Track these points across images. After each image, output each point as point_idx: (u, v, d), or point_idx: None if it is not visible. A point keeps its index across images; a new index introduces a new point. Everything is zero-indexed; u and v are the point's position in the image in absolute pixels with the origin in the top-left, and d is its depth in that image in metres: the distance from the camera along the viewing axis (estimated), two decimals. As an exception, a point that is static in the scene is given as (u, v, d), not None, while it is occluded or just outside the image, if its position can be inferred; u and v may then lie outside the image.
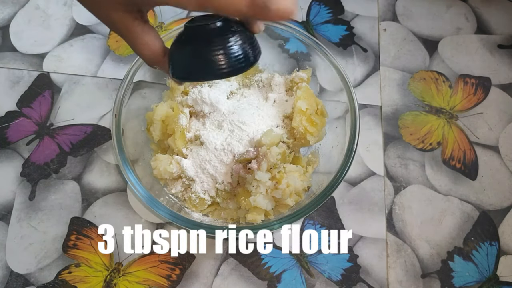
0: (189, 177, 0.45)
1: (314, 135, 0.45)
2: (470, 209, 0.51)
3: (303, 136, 0.45)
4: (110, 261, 0.47)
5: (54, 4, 0.63)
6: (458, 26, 0.63)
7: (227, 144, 0.44)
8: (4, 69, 0.58)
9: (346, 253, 0.48)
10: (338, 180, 0.41)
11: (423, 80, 0.59)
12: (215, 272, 0.47)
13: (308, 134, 0.44)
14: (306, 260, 0.48)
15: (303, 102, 0.45)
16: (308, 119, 0.45)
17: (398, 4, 0.65)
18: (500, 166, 0.54)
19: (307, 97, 0.46)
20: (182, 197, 0.46)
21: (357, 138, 0.43)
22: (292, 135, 0.46)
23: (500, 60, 0.61)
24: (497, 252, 0.49)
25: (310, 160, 0.48)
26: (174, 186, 0.46)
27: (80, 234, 0.48)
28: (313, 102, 0.46)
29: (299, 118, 0.44)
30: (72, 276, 0.46)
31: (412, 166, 0.53)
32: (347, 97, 0.45)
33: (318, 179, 0.46)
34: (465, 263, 0.48)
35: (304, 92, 0.46)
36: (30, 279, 0.46)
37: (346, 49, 0.61)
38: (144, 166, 0.46)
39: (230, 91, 0.49)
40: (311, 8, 0.64)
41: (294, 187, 0.42)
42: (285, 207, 0.44)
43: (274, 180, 0.42)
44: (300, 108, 0.45)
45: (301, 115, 0.44)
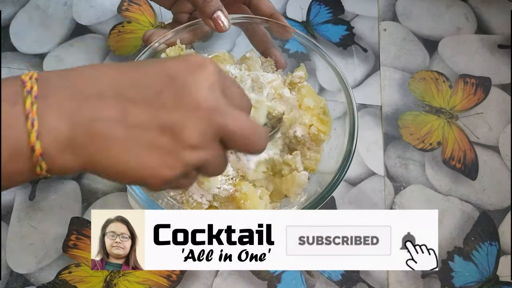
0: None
1: (326, 133, 0.45)
2: (470, 209, 0.51)
3: (315, 136, 0.44)
4: (110, 261, 0.47)
5: (54, 4, 0.63)
6: (458, 26, 0.63)
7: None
8: (4, 69, 0.58)
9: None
10: (336, 182, 0.41)
11: (423, 80, 0.59)
12: (215, 272, 0.47)
13: (321, 133, 0.44)
14: (306, 260, 0.48)
15: (310, 100, 0.45)
16: (318, 118, 0.45)
17: (398, 4, 0.65)
18: (500, 166, 0.54)
19: (312, 95, 0.46)
20: (181, 200, 0.46)
21: (355, 140, 0.42)
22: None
23: (500, 60, 0.61)
24: (497, 252, 0.49)
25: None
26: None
27: (80, 234, 0.48)
28: (317, 100, 0.46)
29: (309, 116, 0.44)
30: (72, 276, 0.46)
31: (412, 166, 0.53)
32: (345, 98, 0.44)
33: (317, 180, 0.45)
34: (465, 263, 0.48)
35: (308, 91, 0.46)
36: (30, 279, 0.46)
37: (346, 49, 0.61)
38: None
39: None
40: (311, 8, 0.64)
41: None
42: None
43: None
44: (308, 105, 0.44)
45: (310, 113, 0.44)
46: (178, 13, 0.49)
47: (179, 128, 0.25)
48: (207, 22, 0.42)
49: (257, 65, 0.47)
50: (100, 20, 0.61)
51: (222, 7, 0.42)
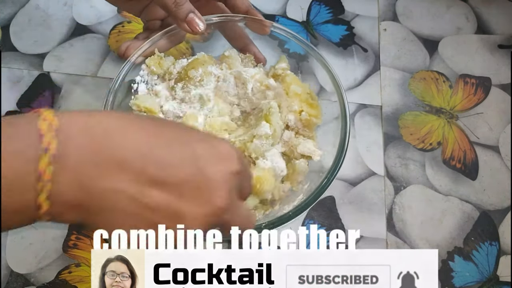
0: None
1: (317, 116, 0.45)
2: (470, 209, 0.51)
3: (307, 121, 0.45)
4: (110, 261, 0.47)
5: (54, 4, 0.63)
6: (458, 26, 0.63)
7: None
8: (4, 68, 0.58)
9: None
10: (329, 180, 0.41)
11: (424, 80, 0.59)
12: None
13: (313, 117, 0.45)
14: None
15: (297, 86, 0.45)
16: (307, 102, 0.45)
17: (398, 4, 0.65)
18: (500, 166, 0.54)
19: (297, 82, 0.46)
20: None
21: (346, 143, 0.42)
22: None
23: (500, 60, 0.61)
24: (497, 252, 0.49)
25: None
26: None
27: (80, 234, 0.48)
28: (303, 86, 0.46)
29: (298, 102, 0.45)
30: (72, 276, 0.46)
31: (412, 166, 0.53)
32: (338, 103, 0.44)
33: (311, 179, 0.45)
34: (465, 263, 0.48)
35: (293, 79, 0.46)
36: (30, 279, 0.46)
37: (346, 49, 0.61)
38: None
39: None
40: (311, 8, 0.64)
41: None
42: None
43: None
44: (295, 91, 0.45)
45: (298, 99, 0.45)
46: (149, 21, 0.48)
47: (183, 218, 0.25)
48: (182, 25, 0.42)
49: (237, 62, 0.48)
50: (100, 20, 0.61)
51: (194, 10, 0.42)
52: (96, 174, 0.23)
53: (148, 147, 0.24)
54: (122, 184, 0.23)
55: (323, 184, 0.40)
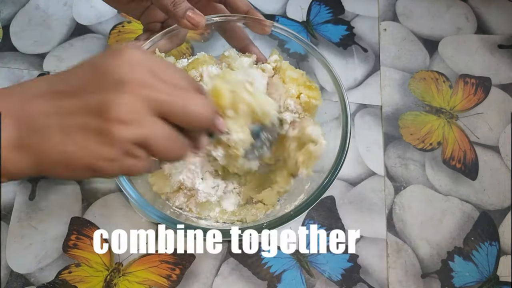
0: (190, 188, 0.44)
1: (317, 98, 0.45)
2: (470, 209, 0.51)
3: (307, 104, 0.45)
4: (110, 261, 0.47)
5: (54, 4, 0.63)
6: (458, 26, 0.63)
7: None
8: (4, 68, 0.58)
9: (346, 253, 0.48)
10: (330, 179, 0.41)
11: (423, 80, 0.59)
12: (215, 272, 0.47)
13: (312, 99, 0.45)
14: (306, 260, 0.48)
15: (292, 72, 0.46)
16: (305, 85, 0.45)
17: (398, 4, 0.65)
18: (500, 166, 0.54)
19: (292, 68, 0.46)
20: (187, 207, 0.45)
21: (347, 143, 0.42)
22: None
23: (500, 60, 0.61)
24: (497, 252, 0.49)
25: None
26: (177, 199, 0.45)
27: (81, 234, 0.48)
28: (299, 71, 0.47)
29: (295, 86, 0.45)
30: (72, 276, 0.46)
31: (412, 166, 0.53)
32: (339, 102, 0.44)
33: (312, 178, 0.45)
34: (465, 263, 0.48)
35: (287, 65, 0.47)
36: (30, 279, 0.46)
37: (346, 49, 0.61)
38: (143, 183, 0.44)
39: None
40: (311, 8, 0.64)
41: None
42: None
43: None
44: (291, 76, 0.45)
45: (296, 83, 0.45)
46: (149, 23, 0.48)
47: (105, 107, 0.26)
48: (182, 22, 0.42)
49: (237, 62, 0.48)
50: (100, 20, 0.61)
51: (192, 7, 0.42)
52: (21, 108, 0.27)
53: (57, 75, 0.29)
54: (40, 106, 0.27)
55: (324, 183, 0.40)
